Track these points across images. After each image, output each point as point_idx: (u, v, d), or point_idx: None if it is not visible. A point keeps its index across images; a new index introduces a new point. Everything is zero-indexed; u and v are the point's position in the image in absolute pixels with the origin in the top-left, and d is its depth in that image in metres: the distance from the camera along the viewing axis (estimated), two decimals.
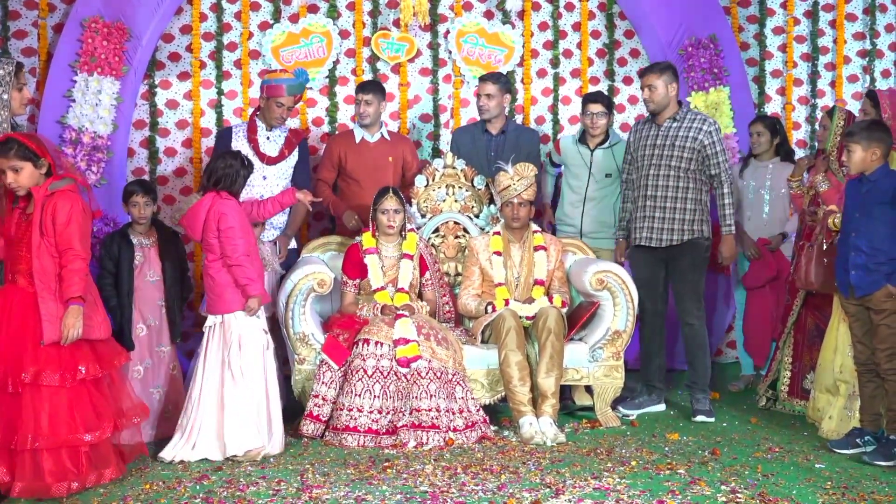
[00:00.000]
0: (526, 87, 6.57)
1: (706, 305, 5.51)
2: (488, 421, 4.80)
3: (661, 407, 5.39)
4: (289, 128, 5.44)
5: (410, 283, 5.10)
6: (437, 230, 5.55)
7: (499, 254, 5.21)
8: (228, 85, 6.31)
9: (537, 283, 5.19)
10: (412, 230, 5.24)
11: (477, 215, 5.60)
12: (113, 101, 5.93)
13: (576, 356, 5.04)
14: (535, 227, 5.34)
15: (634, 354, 5.76)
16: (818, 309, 5.14)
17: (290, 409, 4.90)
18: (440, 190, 5.59)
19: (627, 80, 6.69)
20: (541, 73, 6.64)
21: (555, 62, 6.63)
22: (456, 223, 5.57)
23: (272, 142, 5.31)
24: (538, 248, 5.25)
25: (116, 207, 5.67)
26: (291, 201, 4.89)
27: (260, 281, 4.50)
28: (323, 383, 4.74)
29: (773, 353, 5.48)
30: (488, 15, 6.56)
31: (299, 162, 5.38)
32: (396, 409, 4.66)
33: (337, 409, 4.68)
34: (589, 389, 5.26)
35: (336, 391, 4.74)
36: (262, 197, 5.06)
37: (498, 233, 5.27)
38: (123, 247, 4.80)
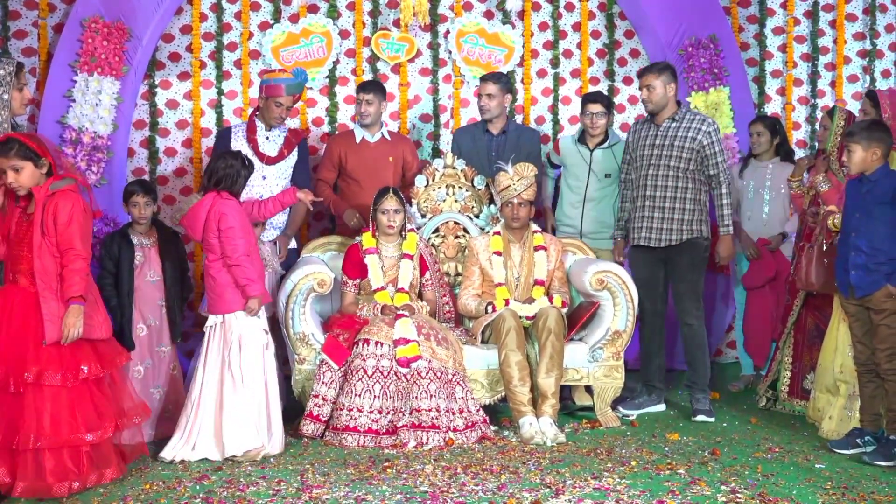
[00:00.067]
0: (526, 87, 6.57)
1: (706, 305, 5.51)
2: (488, 421, 4.80)
3: (661, 407, 5.39)
4: (288, 128, 5.44)
5: (410, 283, 5.10)
6: (437, 230, 5.55)
7: (499, 254, 5.21)
8: (228, 85, 6.31)
9: (537, 283, 5.19)
10: (412, 230, 5.24)
11: (477, 215, 5.60)
12: (113, 101, 5.93)
13: (576, 356, 5.04)
14: (535, 227, 5.34)
15: (634, 354, 5.76)
16: (818, 309, 5.14)
17: (291, 409, 4.90)
18: (440, 190, 5.59)
19: (627, 81, 6.69)
20: (541, 74, 6.64)
21: (555, 62, 6.63)
22: (456, 223, 5.57)
23: (271, 142, 5.31)
24: (538, 248, 5.25)
25: (116, 207, 5.67)
26: (292, 201, 4.89)
27: (260, 281, 4.50)
28: (323, 383, 4.74)
29: (773, 353, 5.48)
30: (488, 15, 6.56)
31: (299, 162, 5.38)
32: (396, 409, 4.66)
33: (337, 409, 4.68)
34: (589, 389, 5.26)
35: (336, 391, 4.74)
36: (261, 197, 5.06)
37: (498, 233, 5.27)
38: (124, 247, 4.80)
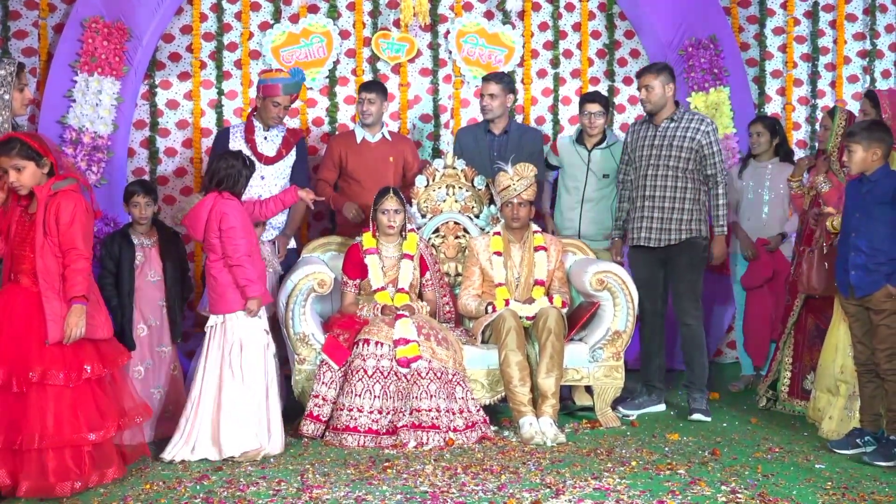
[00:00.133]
0: (526, 87, 6.57)
1: (705, 305, 5.52)
2: (488, 421, 4.80)
3: (661, 407, 5.39)
4: (286, 127, 5.44)
5: (411, 283, 5.10)
6: (437, 230, 5.55)
7: (499, 254, 5.21)
8: (229, 85, 6.31)
9: (537, 283, 5.19)
10: (412, 230, 5.24)
11: (477, 215, 5.60)
12: (113, 102, 5.93)
13: (576, 356, 5.04)
14: (535, 227, 5.33)
15: (634, 355, 5.76)
16: (819, 309, 5.13)
17: (291, 409, 4.91)
18: (440, 190, 5.59)
19: (627, 81, 6.69)
20: (541, 74, 6.64)
21: (555, 62, 6.63)
22: (456, 223, 5.57)
23: (269, 142, 5.31)
24: (538, 248, 5.25)
25: (117, 207, 5.67)
26: (293, 200, 4.88)
27: (260, 282, 4.49)
28: (323, 383, 4.74)
29: (774, 353, 5.48)
30: (488, 15, 6.56)
31: (297, 161, 5.38)
32: (396, 409, 4.66)
33: (337, 410, 4.68)
34: (589, 390, 5.26)
35: (336, 391, 4.74)
36: (260, 197, 5.06)
37: (498, 233, 5.27)
38: (124, 247, 4.80)
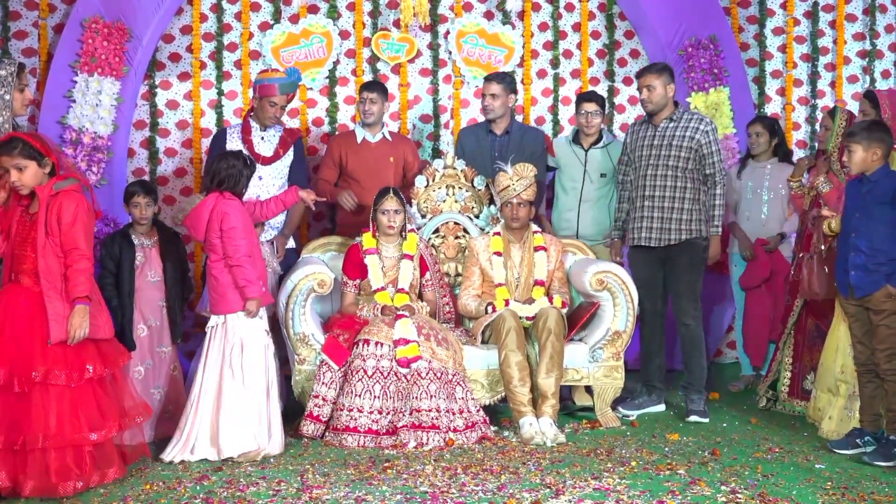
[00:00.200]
0: (526, 87, 6.57)
1: (705, 306, 5.51)
2: (488, 421, 4.80)
3: (661, 407, 5.39)
4: (283, 127, 5.44)
5: (410, 283, 5.10)
6: (437, 230, 5.55)
7: (499, 254, 5.21)
8: (229, 85, 6.31)
9: (537, 283, 5.20)
10: (412, 231, 5.24)
11: (477, 216, 5.60)
12: (113, 102, 5.93)
13: (576, 357, 5.04)
14: (535, 227, 5.33)
15: (634, 355, 5.76)
16: (819, 310, 5.12)
17: (290, 409, 4.91)
18: (440, 190, 5.59)
19: (627, 81, 6.69)
20: (541, 74, 6.64)
21: (555, 63, 6.63)
22: (456, 224, 5.57)
23: (267, 142, 5.31)
24: (538, 248, 5.25)
25: (117, 208, 5.67)
26: (294, 200, 4.87)
27: (259, 283, 4.48)
28: (323, 384, 4.74)
29: (774, 353, 5.48)
30: (488, 15, 6.57)
31: (295, 161, 5.37)
32: (396, 409, 4.66)
33: (337, 410, 4.68)
34: (589, 390, 5.26)
35: (336, 391, 4.73)
36: (258, 197, 5.05)
37: (498, 233, 5.27)
38: (124, 247, 4.80)
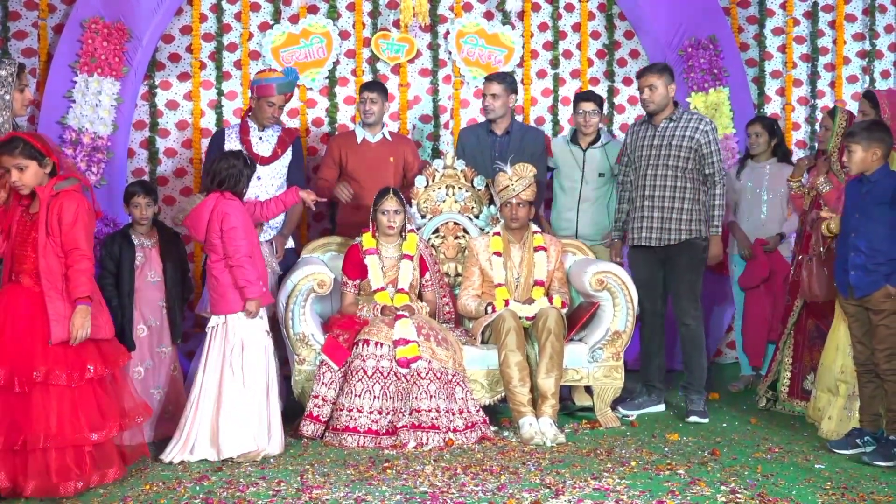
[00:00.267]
0: (526, 87, 6.57)
1: (704, 306, 5.51)
2: (488, 421, 4.80)
3: (661, 407, 5.39)
4: (281, 127, 5.44)
5: (410, 283, 5.10)
6: (436, 231, 5.55)
7: (499, 254, 5.21)
8: (228, 86, 6.31)
9: (537, 283, 5.20)
10: (412, 231, 5.24)
11: (477, 216, 5.60)
12: (113, 102, 5.94)
13: (575, 357, 5.05)
14: (534, 227, 5.34)
15: (634, 355, 5.76)
16: (819, 311, 5.12)
17: (290, 409, 4.91)
18: (440, 190, 5.59)
19: (627, 81, 6.69)
20: (540, 74, 6.64)
21: (554, 63, 6.63)
22: (456, 224, 5.57)
23: (265, 142, 5.31)
24: (538, 248, 5.25)
25: (116, 208, 5.68)
26: (295, 200, 4.86)
27: (259, 283, 4.48)
28: (323, 384, 4.74)
29: (774, 353, 5.48)
30: (488, 16, 6.57)
31: (293, 161, 5.37)
32: (396, 409, 4.66)
33: (337, 410, 4.68)
34: (589, 390, 5.26)
35: (336, 392, 4.74)
36: (256, 198, 5.04)
37: (498, 233, 5.27)
38: (124, 247, 4.79)
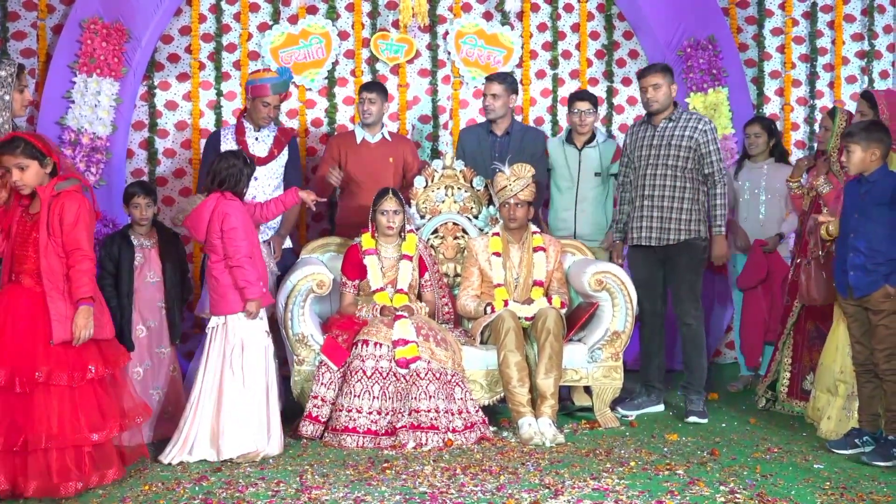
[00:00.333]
0: (525, 88, 6.57)
1: (705, 306, 5.51)
2: (487, 422, 4.80)
3: (660, 407, 5.39)
4: (277, 127, 5.43)
5: (409, 284, 5.10)
6: (436, 231, 5.55)
7: (498, 255, 5.21)
8: (227, 86, 6.31)
9: (536, 283, 5.20)
10: (411, 231, 5.24)
11: (476, 216, 5.60)
12: (112, 103, 5.93)
13: (575, 357, 5.05)
14: (534, 227, 5.34)
15: (633, 355, 5.76)
16: (818, 312, 5.10)
17: (289, 410, 4.90)
18: (439, 191, 5.59)
19: (626, 81, 6.70)
20: (540, 75, 6.65)
21: (554, 63, 6.63)
22: (455, 224, 5.57)
23: (261, 142, 5.31)
24: (537, 248, 5.25)
25: (115, 209, 5.67)
26: (295, 201, 4.86)
27: (260, 283, 4.48)
28: (322, 384, 4.74)
29: (773, 353, 5.48)
30: (487, 16, 6.57)
31: (290, 160, 5.37)
32: (395, 410, 4.66)
33: (336, 410, 4.68)
34: (588, 390, 5.26)
35: (335, 392, 4.74)
36: (254, 198, 5.04)
37: (497, 234, 5.27)
38: (124, 248, 4.79)
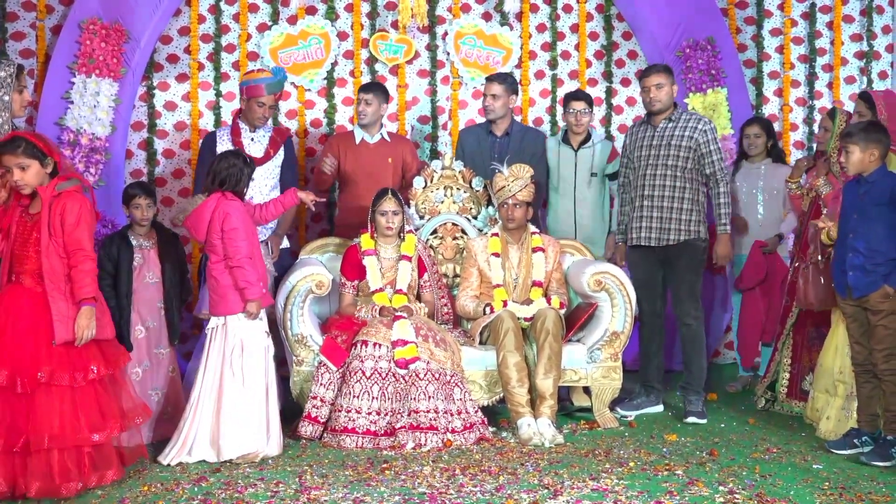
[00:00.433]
0: (524, 89, 6.57)
1: (704, 306, 5.51)
2: (486, 422, 4.80)
3: (659, 408, 5.39)
4: (272, 127, 5.43)
5: (409, 284, 5.10)
6: (435, 231, 5.55)
7: (497, 255, 5.21)
8: (227, 87, 6.31)
9: (535, 284, 5.20)
10: (410, 232, 5.24)
11: (475, 217, 5.60)
12: (111, 103, 5.93)
13: (574, 357, 5.05)
14: (533, 228, 5.34)
15: (633, 355, 5.76)
16: (817, 313, 5.11)
17: (288, 410, 4.90)
18: (438, 191, 5.59)
19: (625, 82, 6.70)
20: (539, 75, 6.65)
21: (553, 64, 6.63)
22: (454, 224, 5.57)
23: (257, 143, 5.30)
24: (536, 249, 5.25)
25: (115, 209, 5.67)
26: (294, 201, 4.84)
27: (260, 284, 4.47)
28: (321, 385, 4.74)
29: (772, 354, 5.48)
30: (486, 17, 6.57)
31: (286, 160, 5.36)
32: (395, 410, 4.66)
33: (335, 411, 4.68)
34: (587, 390, 5.26)
35: (334, 393, 4.73)
36: (251, 199, 5.04)
37: (496, 234, 5.27)
38: (123, 248, 4.79)
